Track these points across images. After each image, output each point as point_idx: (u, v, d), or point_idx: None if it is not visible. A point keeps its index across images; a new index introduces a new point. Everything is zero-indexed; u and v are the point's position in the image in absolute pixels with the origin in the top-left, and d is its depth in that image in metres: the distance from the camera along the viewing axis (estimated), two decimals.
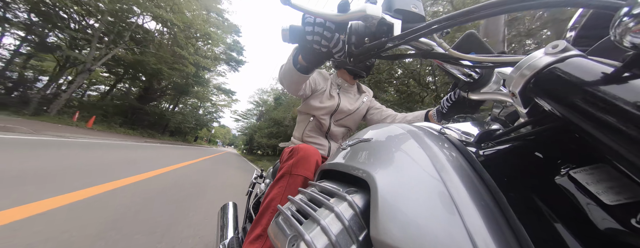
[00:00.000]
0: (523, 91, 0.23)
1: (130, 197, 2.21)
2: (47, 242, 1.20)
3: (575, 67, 0.19)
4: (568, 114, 0.19)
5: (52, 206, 1.60)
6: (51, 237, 1.24)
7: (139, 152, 5.92)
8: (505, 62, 0.31)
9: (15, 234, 1.20)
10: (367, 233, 0.27)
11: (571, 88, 0.19)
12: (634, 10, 0.15)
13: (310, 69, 0.69)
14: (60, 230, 1.33)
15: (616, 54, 0.21)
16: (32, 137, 4.51)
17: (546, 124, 0.23)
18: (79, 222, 1.48)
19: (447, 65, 0.46)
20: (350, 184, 0.36)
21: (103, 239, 1.34)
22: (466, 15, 0.29)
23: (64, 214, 1.53)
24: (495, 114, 0.53)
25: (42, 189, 1.84)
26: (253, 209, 1.10)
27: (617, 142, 0.15)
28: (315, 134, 1.10)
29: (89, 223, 1.49)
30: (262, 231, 0.64)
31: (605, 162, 0.19)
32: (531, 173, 0.25)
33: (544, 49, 0.22)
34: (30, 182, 1.93)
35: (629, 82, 0.16)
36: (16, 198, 1.57)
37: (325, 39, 0.46)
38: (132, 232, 1.50)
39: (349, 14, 0.40)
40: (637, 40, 0.16)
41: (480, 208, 0.21)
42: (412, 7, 0.42)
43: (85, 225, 1.46)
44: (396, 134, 0.36)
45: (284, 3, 0.39)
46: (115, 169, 3.18)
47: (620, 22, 0.16)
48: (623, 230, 0.18)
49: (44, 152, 3.31)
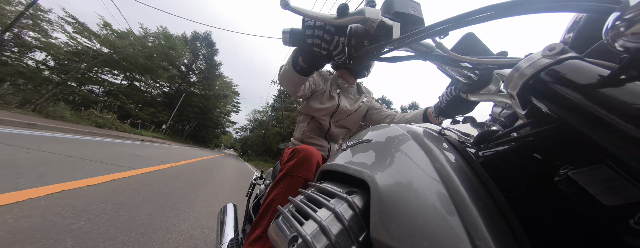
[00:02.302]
0: (521, 92, 0.23)
1: (186, 167, 4.99)
2: (148, 185, 2.54)
3: (572, 69, 0.20)
4: (565, 115, 0.19)
5: (158, 168, 3.76)
6: (152, 181, 2.78)
7: (191, 151, 12.99)
8: (504, 64, 0.31)
9: (143, 177, 2.84)
10: (367, 233, 0.27)
11: (568, 89, 0.19)
12: (625, 15, 0.16)
13: (309, 71, 0.69)
14: (159, 177, 3.11)
15: (612, 56, 0.21)
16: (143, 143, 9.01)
17: (544, 125, 0.23)
18: (162, 176, 3.27)
19: (446, 67, 0.46)
20: (350, 185, 0.36)
21: (180, 183, 3.19)
22: (464, 19, 0.29)
23: (158, 173, 3.39)
24: (495, 115, 0.53)
25: (154, 162, 4.31)
26: (253, 211, 1.10)
27: (613, 144, 0.16)
28: (315, 135, 1.10)
29: (169, 178, 3.35)
30: (262, 232, 0.64)
31: (603, 163, 0.20)
32: (530, 174, 0.25)
33: (541, 51, 0.22)
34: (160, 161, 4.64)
35: (625, 84, 0.16)
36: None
37: (325, 41, 0.47)
38: (188, 182, 3.44)
39: (348, 17, 0.41)
40: (629, 44, 0.16)
41: (480, 209, 0.21)
42: (410, 10, 0.42)
43: (170, 176, 3.43)
44: (396, 135, 0.36)
45: (283, 7, 0.39)
46: (178, 156, 6.99)
47: (612, 26, 0.17)
48: (621, 231, 0.18)
49: (151, 147, 7.68)
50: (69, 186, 1.80)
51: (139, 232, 1.41)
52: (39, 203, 1.42)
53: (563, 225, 0.21)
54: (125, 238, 1.30)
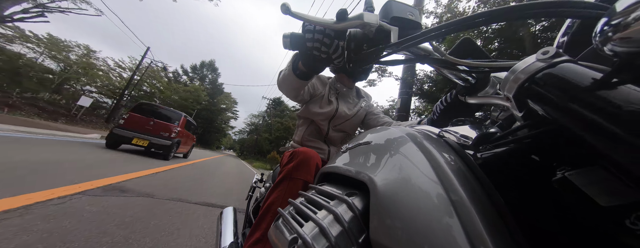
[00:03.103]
0: (517, 95, 0.24)
1: (206, 162, 9.86)
2: (180, 176, 4.32)
3: (566, 72, 0.20)
4: (559, 117, 0.19)
5: (179, 165, 6.11)
6: (203, 164, 8.07)
7: (201, 152, 21.13)
8: (500, 67, 0.32)
9: (172, 173, 4.61)
10: (366, 235, 0.27)
11: (561, 92, 0.19)
12: (613, 20, 0.16)
13: (309, 75, 0.70)
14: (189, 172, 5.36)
15: (606, 59, 0.22)
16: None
17: (541, 127, 0.23)
18: (191, 171, 5.66)
19: (444, 70, 0.47)
20: (350, 187, 0.36)
21: (205, 170, 6.82)
22: (460, 24, 0.30)
23: (182, 169, 5.58)
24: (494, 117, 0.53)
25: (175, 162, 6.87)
26: (253, 214, 1.09)
27: (606, 145, 0.16)
28: (314, 138, 1.10)
29: (208, 162, 9.01)
30: (261, 235, 0.64)
31: (598, 165, 0.20)
32: (528, 175, 0.25)
33: (535, 55, 0.23)
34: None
35: (617, 87, 0.17)
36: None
37: (325, 45, 0.47)
38: (214, 165, 9.23)
39: (348, 22, 0.41)
40: (617, 48, 0.16)
41: (478, 210, 0.21)
42: (408, 15, 0.43)
43: (206, 163, 8.75)
44: (395, 137, 0.36)
45: (284, 12, 0.40)
46: (200, 155, 13.80)
47: (601, 31, 0.17)
48: (617, 231, 0.19)
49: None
50: (148, 172, 3.77)
51: (202, 182, 4.12)
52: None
53: (560, 225, 0.22)
54: (196, 186, 3.60)
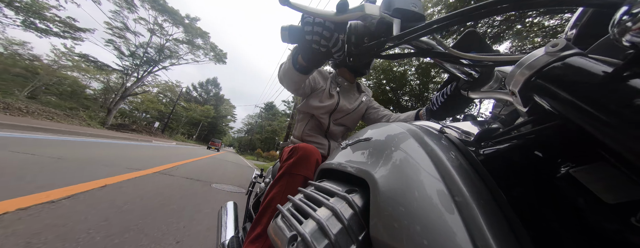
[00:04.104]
0: (523, 90, 0.23)
1: (216, 157, 13.23)
2: (194, 168, 5.54)
3: (575, 66, 0.19)
4: (567, 112, 0.19)
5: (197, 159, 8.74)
6: (216, 159, 10.87)
7: (209, 150, 23.71)
8: (505, 61, 0.31)
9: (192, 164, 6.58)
10: (366, 232, 0.27)
11: (571, 86, 0.18)
12: (633, 10, 0.15)
13: (309, 69, 0.69)
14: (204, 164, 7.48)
15: (617, 52, 0.21)
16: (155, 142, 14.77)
17: (546, 123, 0.23)
18: (205, 166, 6.95)
19: (446, 64, 0.46)
20: (350, 183, 0.36)
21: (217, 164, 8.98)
22: (464, 15, 0.29)
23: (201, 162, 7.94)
24: (496, 113, 0.53)
25: (189, 156, 8.92)
26: (253, 208, 1.10)
27: (616, 141, 0.15)
28: (315, 133, 1.10)
29: (211, 164, 8.52)
30: (262, 230, 0.64)
31: (605, 161, 0.19)
32: (531, 172, 0.25)
33: (544, 48, 0.22)
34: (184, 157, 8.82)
35: (629, 80, 0.16)
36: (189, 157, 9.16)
37: (325, 38, 0.46)
38: (223, 158, 13.40)
39: (348, 13, 0.40)
40: (636, 39, 0.15)
41: (480, 207, 0.21)
42: (411, 6, 0.42)
43: (208, 164, 7.82)
44: (395, 133, 0.36)
45: (282, 3, 0.39)
46: (209, 152, 18.11)
47: (619, 21, 0.16)
48: (623, 229, 0.18)
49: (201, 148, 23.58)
50: (162, 167, 4.20)
51: (219, 169, 6.59)
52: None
53: (564, 223, 0.21)
54: (210, 173, 5.14)
